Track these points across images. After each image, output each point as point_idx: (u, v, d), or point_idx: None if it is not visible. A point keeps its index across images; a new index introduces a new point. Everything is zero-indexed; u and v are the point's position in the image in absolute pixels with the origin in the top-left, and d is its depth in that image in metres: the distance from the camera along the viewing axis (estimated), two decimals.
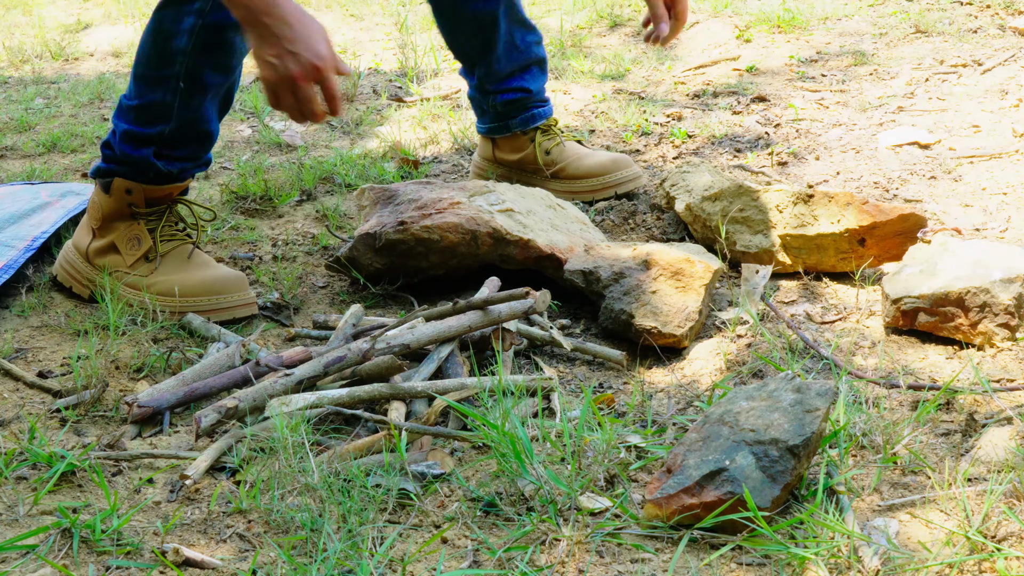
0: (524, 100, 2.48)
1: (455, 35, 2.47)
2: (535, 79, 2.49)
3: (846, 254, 2.04)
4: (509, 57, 2.44)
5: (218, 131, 2.06)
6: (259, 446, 1.49)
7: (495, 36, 2.41)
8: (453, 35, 2.47)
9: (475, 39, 2.43)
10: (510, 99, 2.47)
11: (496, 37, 2.41)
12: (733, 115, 3.00)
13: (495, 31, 2.40)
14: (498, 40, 2.41)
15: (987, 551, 1.25)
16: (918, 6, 3.83)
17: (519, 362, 1.81)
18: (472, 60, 2.47)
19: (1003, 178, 2.44)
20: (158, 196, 2.06)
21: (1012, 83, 3.00)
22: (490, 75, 2.45)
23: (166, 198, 2.07)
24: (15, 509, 1.40)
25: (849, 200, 2.03)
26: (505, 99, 2.47)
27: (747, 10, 3.91)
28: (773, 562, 1.27)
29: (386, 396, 1.61)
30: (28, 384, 1.76)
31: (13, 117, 3.25)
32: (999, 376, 1.68)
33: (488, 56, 2.43)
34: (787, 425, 1.36)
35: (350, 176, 2.64)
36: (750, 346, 1.82)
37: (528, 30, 2.47)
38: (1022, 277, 1.77)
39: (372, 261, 2.06)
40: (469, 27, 2.42)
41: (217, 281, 2.00)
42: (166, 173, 2.03)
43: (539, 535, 1.34)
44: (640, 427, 1.59)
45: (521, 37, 2.45)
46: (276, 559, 1.30)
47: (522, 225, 2.05)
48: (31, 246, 2.17)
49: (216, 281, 2.00)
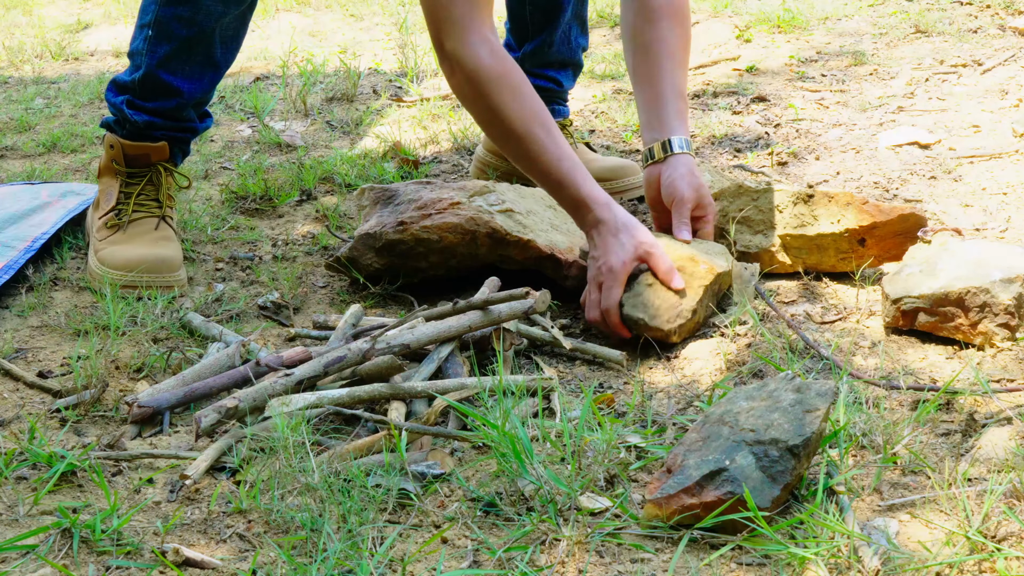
0: (552, 93, 2.48)
1: (521, 5, 2.45)
2: (568, 79, 2.50)
3: (846, 254, 2.04)
4: (560, 46, 2.45)
5: (188, 91, 2.10)
6: (259, 446, 1.49)
7: (559, 19, 2.41)
8: (519, 4, 2.45)
9: (540, 13, 2.42)
10: (541, 86, 2.45)
11: (559, 20, 2.41)
12: (733, 115, 3.00)
13: (560, 14, 2.40)
14: (559, 24, 2.41)
15: (987, 551, 1.25)
16: (918, 6, 3.83)
17: (519, 362, 1.81)
18: (526, 33, 2.46)
19: (1003, 178, 2.44)
20: (135, 155, 2.11)
21: (1012, 83, 3.00)
22: (536, 55, 2.45)
23: (143, 159, 2.11)
24: (15, 509, 1.40)
25: (849, 200, 2.03)
26: (537, 84, 2.46)
27: (747, 10, 3.92)
28: (773, 562, 1.27)
29: (386, 396, 1.61)
30: (28, 384, 1.76)
31: (13, 117, 3.25)
32: (999, 376, 1.68)
33: (543, 35, 2.43)
34: (787, 425, 1.36)
35: (350, 176, 2.64)
36: (750, 346, 1.82)
37: (583, 33, 2.48)
38: (1022, 277, 1.77)
39: (372, 261, 2.06)
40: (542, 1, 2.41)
41: (146, 259, 2.03)
42: (135, 125, 2.10)
43: (539, 535, 1.34)
44: (640, 427, 1.59)
45: (576, 35, 2.46)
46: (276, 559, 1.30)
47: (522, 225, 2.05)
48: (31, 247, 2.17)
49: (145, 259, 2.03)
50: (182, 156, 2.24)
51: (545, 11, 2.42)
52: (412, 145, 2.89)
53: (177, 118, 2.13)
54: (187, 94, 2.09)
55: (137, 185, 2.12)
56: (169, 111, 2.11)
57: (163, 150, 2.12)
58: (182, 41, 2.06)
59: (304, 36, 4.22)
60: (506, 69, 1.83)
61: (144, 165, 2.13)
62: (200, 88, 2.11)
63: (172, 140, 2.15)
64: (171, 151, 2.16)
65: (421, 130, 3.03)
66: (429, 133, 2.99)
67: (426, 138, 2.96)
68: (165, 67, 2.08)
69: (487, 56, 1.81)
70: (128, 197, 2.12)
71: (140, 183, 2.12)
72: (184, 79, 2.09)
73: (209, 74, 2.11)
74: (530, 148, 1.84)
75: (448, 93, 3.35)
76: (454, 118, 3.06)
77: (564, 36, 2.43)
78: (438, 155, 2.85)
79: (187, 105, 2.12)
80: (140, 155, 2.11)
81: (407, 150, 2.82)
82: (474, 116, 1.92)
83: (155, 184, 2.14)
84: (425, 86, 3.48)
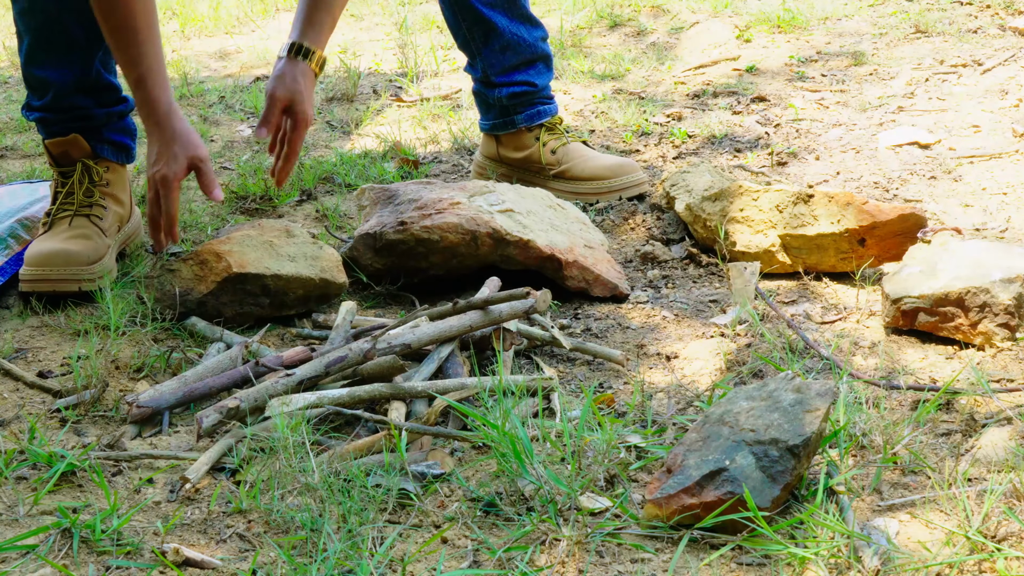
0: (529, 95, 2.47)
1: (458, 25, 2.46)
2: (540, 75, 2.48)
3: (846, 254, 2.04)
4: (513, 49, 2.44)
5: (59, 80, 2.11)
6: (259, 446, 1.49)
7: (497, 27, 2.40)
8: (456, 25, 2.47)
9: (476, 29, 2.42)
10: (515, 92, 2.45)
11: (498, 28, 2.40)
12: (733, 115, 3.00)
13: (495, 21, 2.40)
14: (501, 31, 2.41)
15: (987, 551, 1.25)
16: (918, 6, 3.83)
17: (519, 362, 1.81)
18: (474, 51, 2.46)
19: (1003, 178, 2.44)
20: (57, 153, 2.13)
21: (1012, 83, 3.00)
22: (493, 66, 2.44)
23: (64, 156, 2.12)
24: (15, 509, 1.40)
25: (849, 200, 2.03)
26: (510, 92, 2.45)
27: (747, 10, 3.92)
28: (773, 562, 1.27)
29: (386, 396, 1.61)
30: (28, 384, 1.76)
31: (13, 117, 3.25)
32: (999, 376, 1.68)
33: (490, 47, 2.43)
34: (787, 425, 1.36)
35: (350, 176, 2.64)
36: (750, 346, 1.82)
37: (533, 25, 2.46)
38: (1022, 277, 1.77)
39: (372, 261, 2.06)
40: (471, 16, 2.42)
41: (57, 254, 2.02)
42: (37, 125, 2.17)
43: (539, 535, 1.34)
44: (640, 427, 1.59)
45: (527, 31, 2.45)
46: (276, 559, 1.30)
47: (522, 226, 2.05)
48: (22, 252, 2.16)
49: (55, 252, 2.02)
50: (111, 148, 2.19)
51: (478, 25, 2.43)
52: (412, 145, 2.89)
53: (64, 109, 2.13)
54: (59, 84, 2.10)
55: (68, 184, 2.12)
56: (51, 104, 2.12)
57: (76, 143, 2.11)
58: (35, 32, 2.07)
59: None
60: None
61: (69, 163, 2.13)
62: (72, 74, 2.11)
63: (81, 131, 2.13)
64: (90, 144, 2.14)
65: (421, 130, 3.03)
66: (429, 133, 2.99)
67: (426, 138, 2.96)
68: (33, 62, 2.10)
69: None
70: (58, 196, 2.12)
71: (68, 182, 2.12)
72: (52, 69, 2.09)
73: (76, 55, 2.10)
74: (129, 41, 1.88)
75: (448, 93, 3.36)
76: (454, 118, 3.06)
77: (513, 37, 2.43)
78: (438, 155, 2.85)
79: (66, 94, 2.11)
80: (61, 152, 2.12)
81: (407, 150, 2.82)
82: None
83: (81, 182, 2.14)
84: (425, 86, 3.48)
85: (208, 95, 3.47)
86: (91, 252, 2.05)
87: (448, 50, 3.81)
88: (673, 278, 2.12)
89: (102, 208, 2.13)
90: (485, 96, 2.50)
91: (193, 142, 1.91)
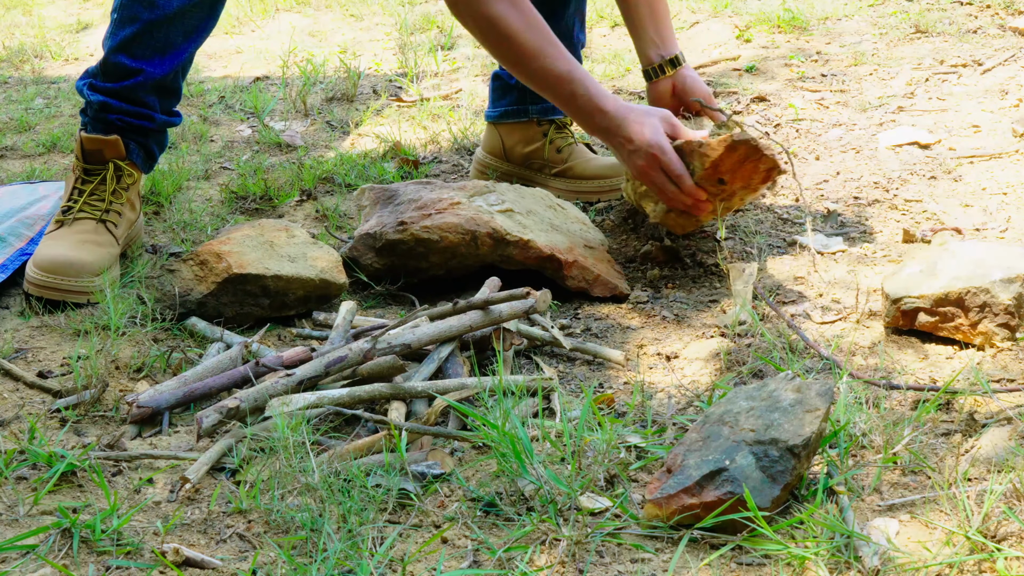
0: None
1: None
2: None
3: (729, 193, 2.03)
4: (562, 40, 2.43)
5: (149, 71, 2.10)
6: (259, 446, 1.49)
7: (563, 12, 2.39)
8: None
9: (543, 5, 2.41)
10: None
11: (563, 13, 2.39)
12: (733, 115, 3.00)
13: (564, 7, 2.39)
14: (563, 17, 2.39)
15: (987, 551, 1.25)
16: (918, 6, 3.83)
17: (519, 362, 1.81)
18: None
19: (1003, 178, 2.44)
20: (90, 149, 2.11)
21: (1012, 83, 3.00)
22: None
23: (97, 154, 2.10)
24: (15, 509, 1.40)
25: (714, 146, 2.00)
26: None
27: (747, 10, 3.91)
28: (773, 562, 1.27)
29: (386, 396, 1.61)
30: (28, 384, 1.76)
31: (13, 117, 3.25)
32: (999, 376, 1.68)
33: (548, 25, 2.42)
34: (787, 425, 1.37)
35: (350, 176, 2.64)
36: (750, 346, 1.82)
37: (582, 29, 2.47)
38: (1022, 277, 1.78)
39: (372, 261, 2.06)
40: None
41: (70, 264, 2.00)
42: (91, 106, 2.12)
43: (539, 535, 1.34)
44: (640, 427, 1.59)
45: (577, 30, 2.44)
46: (276, 559, 1.30)
47: (522, 226, 2.05)
48: (25, 249, 2.16)
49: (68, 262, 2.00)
50: (143, 155, 2.19)
51: (548, 3, 2.40)
52: (412, 145, 2.89)
53: (133, 100, 2.11)
54: (147, 73, 2.09)
55: (91, 183, 2.11)
56: (126, 91, 2.10)
57: (116, 145, 2.09)
58: (143, 24, 2.06)
59: (304, 36, 4.22)
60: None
61: (99, 162, 2.11)
62: (161, 69, 2.10)
63: (127, 130, 2.12)
64: (127, 147, 2.13)
65: (421, 130, 3.03)
66: (429, 133, 2.99)
67: (426, 138, 2.96)
68: (125, 50, 2.08)
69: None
70: (81, 194, 2.11)
71: (94, 181, 2.11)
72: (144, 61, 2.08)
73: (170, 58, 2.10)
74: (542, 64, 2.01)
75: (448, 93, 3.35)
76: (454, 118, 3.06)
77: (567, 30, 2.41)
78: (438, 155, 2.85)
79: (146, 86, 2.11)
80: (95, 150, 2.10)
81: (407, 150, 2.82)
82: (480, 39, 2.07)
83: (107, 183, 2.13)
84: (425, 86, 3.48)
85: (208, 95, 3.47)
86: (102, 262, 2.06)
87: (448, 50, 3.81)
88: (673, 278, 2.13)
89: (118, 214, 2.14)
90: (507, 78, 2.47)
91: (644, 109, 2.02)
